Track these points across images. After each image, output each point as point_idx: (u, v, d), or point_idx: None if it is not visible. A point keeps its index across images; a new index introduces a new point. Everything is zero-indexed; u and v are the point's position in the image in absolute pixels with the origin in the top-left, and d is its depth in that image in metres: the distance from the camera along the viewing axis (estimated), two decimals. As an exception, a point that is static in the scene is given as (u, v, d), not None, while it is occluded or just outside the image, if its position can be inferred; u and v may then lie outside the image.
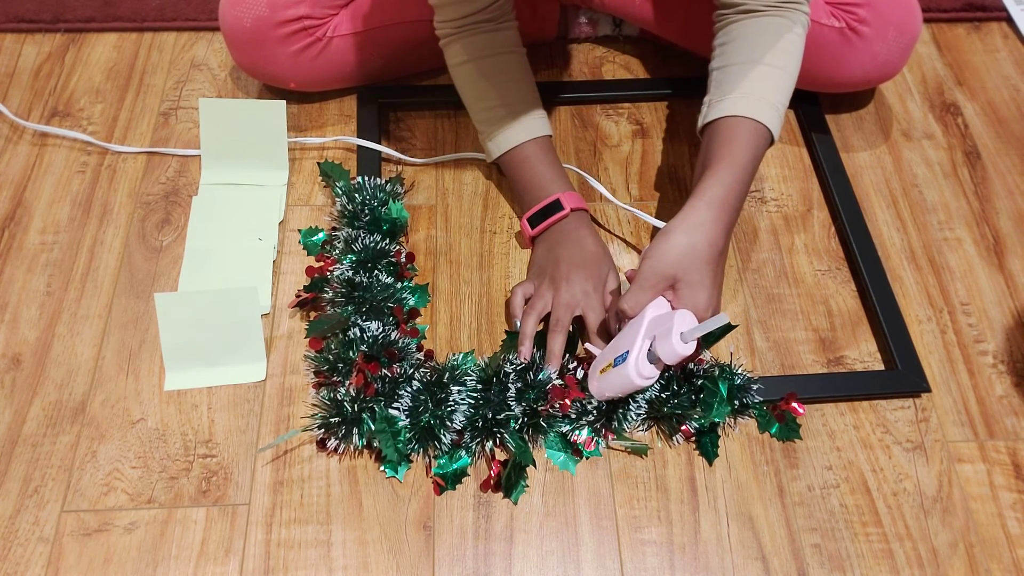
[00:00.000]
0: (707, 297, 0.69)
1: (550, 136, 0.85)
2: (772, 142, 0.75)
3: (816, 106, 0.98)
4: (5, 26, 1.04)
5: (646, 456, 0.74)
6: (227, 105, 0.87)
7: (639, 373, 0.67)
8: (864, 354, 0.81)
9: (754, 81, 0.74)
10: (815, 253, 0.88)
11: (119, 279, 0.83)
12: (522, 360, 0.74)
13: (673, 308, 0.70)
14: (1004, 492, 0.74)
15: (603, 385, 0.71)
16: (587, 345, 0.77)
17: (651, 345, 0.67)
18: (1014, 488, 0.74)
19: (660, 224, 0.80)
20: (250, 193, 0.89)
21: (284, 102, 0.87)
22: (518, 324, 0.77)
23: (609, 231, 0.89)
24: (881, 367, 0.81)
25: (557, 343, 0.74)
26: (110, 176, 0.91)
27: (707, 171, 0.72)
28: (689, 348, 0.65)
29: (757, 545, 0.70)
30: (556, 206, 0.81)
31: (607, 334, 0.76)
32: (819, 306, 0.85)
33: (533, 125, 0.84)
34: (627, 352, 0.68)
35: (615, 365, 0.69)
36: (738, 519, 0.72)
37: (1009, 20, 1.13)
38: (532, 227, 0.82)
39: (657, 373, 0.69)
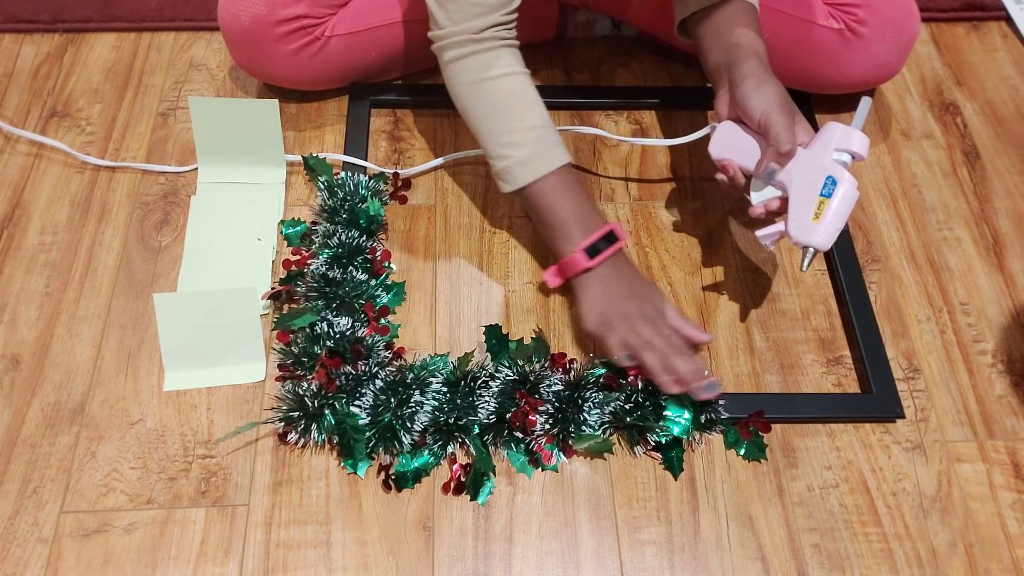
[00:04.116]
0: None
1: None
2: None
3: (807, 105, 0.98)
4: (3, 26, 1.04)
5: (611, 454, 0.73)
6: (219, 104, 0.87)
7: (854, 180, 0.70)
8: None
9: None
10: (814, 253, 0.88)
11: (118, 279, 0.83)
12: (673, 391, 0.71)
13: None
14: (1003, 492, 0.74)
15: (830, 226, 0.70)
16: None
17: (838, 156, 0.71)
18: (1013, 488, 0.74)
19: (689, 138, 0.83)
20: (249, 193, 0.89)
21: (276, 101, 0.86)
22: (629, 358, 0.73)
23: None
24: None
25: (686, 364, 0.71)
26: (108, 176, 0.91)
27: (741, 42, 0.75)
28: (867, 137, 0.72)
29: (756, 545, 0.70)
30: (612, 237, 0.76)
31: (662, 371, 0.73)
32: (818, 306, 0.85)
33: (563, 149, 0.78)
34: (828, 177, 0.70)
35: (827, 196, 0.70)
36: (737, 519, 0.72)
37: (1008, 19, 1.13)
38: (591, 257, 0.76)
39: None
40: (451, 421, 0.72)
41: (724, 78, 0.76)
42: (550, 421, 0.73)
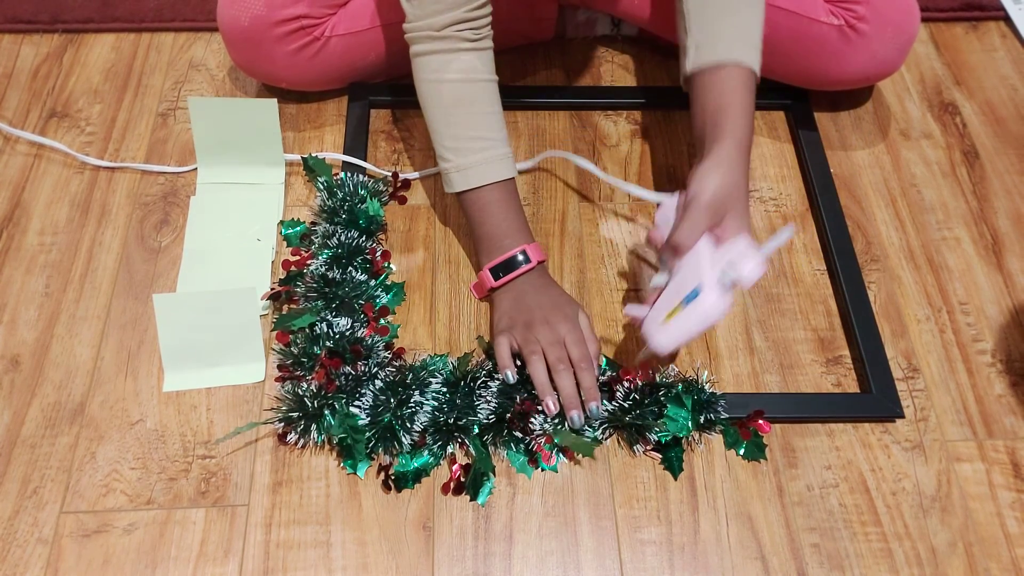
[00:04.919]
0: (748, 227, 0.70)
1: (515, 179, 0.80)
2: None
3: (807, 103, 0.98)
4: (3, 27, 1.04)
5: (592, 456, 0.73)
6: (218, 104, 0.87)
7: (719, 302, 0.65)
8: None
9: (738, 25, 0.74)
10: (814, 252, 0.88)
11: (118, 280, 0.83)
12: (551, 413, 0.71)
13: (717, 241, 0.69)
14: (1003, 491, 0.74)
15: (673, 333, 0.67)
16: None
17: (723, 273, 0.65)
18: (1013, 487, 0.74)
19: (657, 198, 0.76)
20: (248, 193, 0.89)
21: (275, 100, 0.86)
22: (510, 376, 0.73)
23: (607, 232, 0.89)
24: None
25: (569, 383, 0.71)
26: (108, 177, 0.91)
27: (722, 116, 0.72)
28: (765, 267, 0.65)
29: (756, 545, 0.70)
30: (522, 258, 0.77)
31: (586, 369, 0.73)
32: (818, 305, 0.85)
33: (504, 165, 0.78)
34: (697, 287, 0.65)
35: (685, 303, 0.66)
36: (737, 519, 0.72)
37: (1007, 19, 1.13)
38: (495, 278, 0.77)
39: (731, 302, 0.66)
40: (451, 421, 0.72)
41: (700, 149, 0.74)
42: (549, 421, 0.73)
